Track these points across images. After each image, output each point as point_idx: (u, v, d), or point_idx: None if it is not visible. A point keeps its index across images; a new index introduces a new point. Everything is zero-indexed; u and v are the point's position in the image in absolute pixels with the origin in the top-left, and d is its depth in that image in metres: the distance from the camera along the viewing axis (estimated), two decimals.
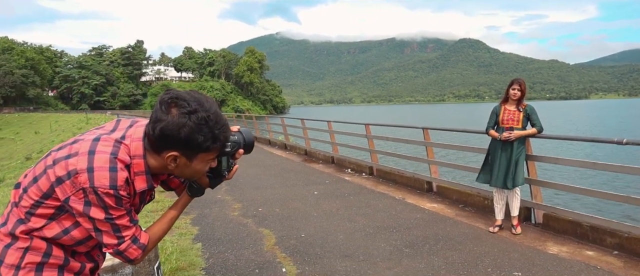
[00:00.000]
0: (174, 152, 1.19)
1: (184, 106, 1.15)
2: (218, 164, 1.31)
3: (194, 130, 1.15)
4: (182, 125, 1.14)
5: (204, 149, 1.20)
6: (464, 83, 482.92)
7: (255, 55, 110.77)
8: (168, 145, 1.18)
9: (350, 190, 7.23)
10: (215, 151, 1.23)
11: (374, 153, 8.74)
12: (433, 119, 69.87)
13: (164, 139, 1.16)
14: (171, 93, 1.18)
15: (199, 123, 1.15)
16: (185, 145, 1.17)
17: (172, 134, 1.15)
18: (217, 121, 1.19)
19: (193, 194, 1.39)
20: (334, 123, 10.91)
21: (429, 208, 5.89)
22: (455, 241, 4.48)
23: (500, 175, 4.65)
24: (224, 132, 1.21)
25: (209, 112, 1.17)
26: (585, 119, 58.83)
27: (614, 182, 12.01)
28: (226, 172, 1.34)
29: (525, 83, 4.73)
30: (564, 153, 18.08)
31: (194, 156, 1.21)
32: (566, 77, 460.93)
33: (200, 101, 1.17)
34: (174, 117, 1.14)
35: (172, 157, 1.20)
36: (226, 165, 1.33)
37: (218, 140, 1.20)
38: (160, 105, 1.16)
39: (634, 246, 3.90)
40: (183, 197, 1.39)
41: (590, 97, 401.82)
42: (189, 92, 1.20)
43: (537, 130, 4.64)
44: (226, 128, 1.22)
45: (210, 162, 1.27)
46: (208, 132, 1.17)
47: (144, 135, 1.22)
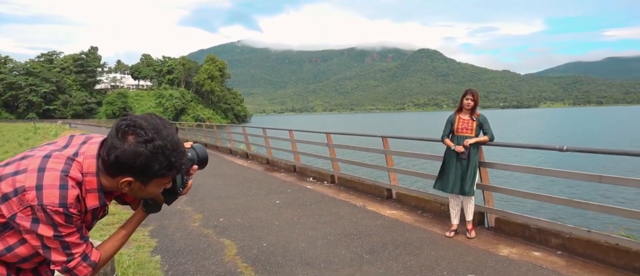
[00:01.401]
0: (129, 178, 1.18)
1: (141, 135, 1.13)
2: (172, 182, 1.30)
3: (150, 159, 1.14)
4: (138, 154, 1.13)
5: (160, 176, 1.19)
6: (423, 92, 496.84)
7: (216, 63, 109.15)
8: (122, 171, 1.16)
9: (312, 198, 7.29)
10: (170, 176, 1.23)
11: (335, 161, 8.84)
12: (394, 127, 71.34)
13: (118, 166, 1.15)
14: (128, 120, 1.16)
15: (155, 152, 1.14)
16: (141, 172, 1.16)
17: (128, 162, 1.14)
18: (175, 149, 1.18)
19: (148, 210, 1.38)
20: (295, 132, 10.96)
21: (388, 215, 6.03)
22: (413, 246, 4.62)
23: (456, 182, 4.85)
24: (180, 159, 1.21)
25: (166, 140, 1.16)
26: (537, 127, 61.88)
27: (556, 185, 12.72)
28: (181, 188, 1.35)
29: (478, 93, 4.98)
30: (514, 159, 18.97)
31: (149, 181, 1.21)
32: (517, 87, 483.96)
33: (158, 129, 1.16)
34: (130, 145, 1.13)
35: (126, 182, 1.19)
36: (180, 182, 1.34)
37: (174, 168, 1.20)
38: (116, 132, 1.14)
39: (575, 246, 4.18)
40: (138, 213, 1.38)
41: (539, 105, 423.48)
42: (147, 117, 1.19)
43: (488, 138, 4.88)
44: (183, 155, 1.22)
45: (165, 184, 1.26)
46: (164, 161, 1.16)
47: (97, 155, 1.20)
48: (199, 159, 1.36)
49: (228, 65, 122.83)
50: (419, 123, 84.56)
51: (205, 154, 1.38)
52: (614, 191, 11.45)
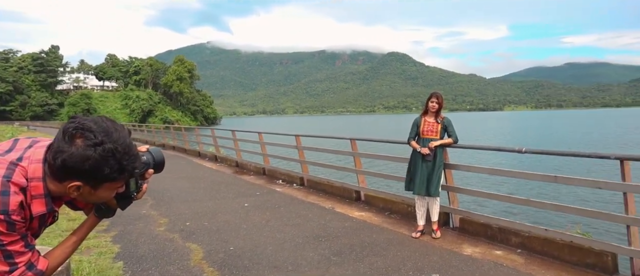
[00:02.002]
0: (77, 182, 1.13)
1: (90, 138, 1.08)
2: (126, 187, 1.26)
3: (99, 162, 1.09)
4: (87, 157, 1.08)
5: (111, 180, 1.15)
6: (393, 94, 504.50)
7: (185, 64, 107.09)
8: (70, 176, 1.11)
9: (281, 201, 7.26)
10: (122, 180, 1.19)
11: (305, 164, 8.85)
12: (364, 130, 72.05)
13: (66, 170, 1.10)
14: (76, 122, 1.11)
15: (106, 156, 1.09)
16: (90, 176, 1.12)
17: (75, 166, 1.09)
18: (126, 152, 1.14)
19: (101, 215, 1.34)
20: (265, 134, 10.90)
21: (357, 217, 6.08)
22: (380, 247, 4.68)
23: (421, 183, 4.95)
24: (133, 163, 1.17)
25: (117, 143, 1.11)
26: (501, 129, 63.87)
27: (515, 186, 13.18)
28: (135, 193, 1.30)
29: (443, 96, 5.10)
30: (477, 161, 19.51)
31: (99, 185, 1.16)
32: (483, 90, 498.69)
33: (108, 131, 1.11)
34: (78, 148, 1.08)
35: (74, 187, 1.13)
36: (135, 186, 1.29)
37: (126, 171, 1.16)
38: (63, 135, 1.09)
39: (534, 244, 4.34)
40: (90, 218, 1.34)
41: (504, 108, 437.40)
42: (96, 120, 1.14)
43: (453, 141, 5.01)
44: (135, 158, 1.18)
45: (117, 189, 1.22)
46: (115, 164, 1.12)
47: (44, 159, 1.14)
48: (154, 162, 1.34)
49: (197, 66, 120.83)
50: (389, 126, 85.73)
51: (161, 157, 1.36)
52: (568, 190, 11.96)
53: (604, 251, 3.84)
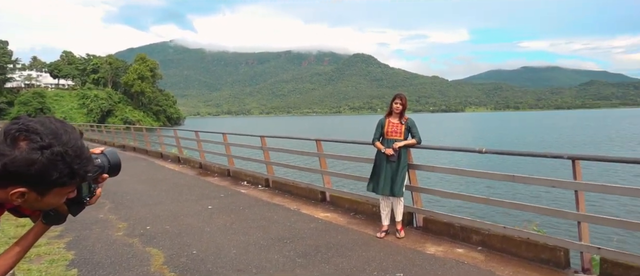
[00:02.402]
0: (21, 189, 1.03)
1: (36, 140, 0.99)
2: (78, 191, 1.18)
3: (47, 167, 1.00)
4: (32, 162, 0.99)
5: (60, 185, 1.06)
6: (358, 95, 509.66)
7: (146, 62, 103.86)
8: (13, 181, 1.02)
9: (246, 202, 7.16)
10: (73, 185, 1.10)
11: (270, 165, 8.77)
12: (330, 130, 72.38)
13: (8, 175, 1.00)
14: (20, 123, 1.01)
15: (54, 160, 1.00)
16: (36, 182, 1.02)
17: (19, 171, 0.99)
18: (77, 155, 1.05)
19: (50, 222, 1.24)
20: (229, 135, 10.72)
21: (322, 218, 6.08)
22: (345, 248, 4.69)
23: (386, 184, 5.00)
24: (85, 166, 1.08)
25: (67, 146, 1.02)
26: (463, 130, 65.79)
27: (476, 185, 13.61)
28: (87, 198, 1.22)
29: (407, 97, 5.17)
30: (440, 161, 20.01)
31: (47, 191, 1.07)
32: (446, 92, 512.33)
33: (56, 133, 1.02)
34: (22, 151, 0.98)
35: (18, 194, 1.04)
36: (87, 191, 1.21)
37: (77, 176, 1.07)
38: (5, 137, 0.99)
39: (493, 241, 4.48)
40: (37, 225, 1.24)
41: (465, 110, 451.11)
42: (43, 121, 1.04)
43: (416, 141, 5.09)
44: (87, 161, 1.09)
45: (67, 194, 1.13)
46: (64, 168, 1.03)
47: None
48: (110, 165, 1.26)
49: (160, 65, 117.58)
50: (354, 127, 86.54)
51: (117, 159, 1.28)
52: (525, 189, 12.46)
53: (557, 246, 4.01)
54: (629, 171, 16.25)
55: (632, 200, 10.62)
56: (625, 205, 10.63)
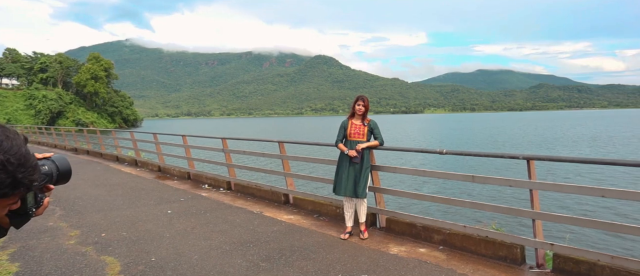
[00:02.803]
0: None
1: None
2: (22, 202, 1.08)
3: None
4: None
5: (1, 196, 0.97)
6: (320, 97, 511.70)
7: (100, 62, 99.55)
8: None
9: (207, 206, 6.99)
10: (16, 196, 1.01)
11: (232, 167, 8.62)
12: (293, 132, 72.20)
13: None
14: None
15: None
16: None
17: None
18: (21, 163, 0.96)
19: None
20: (189, 137, 10.44)
21: (286, 220, 6.02)
22: (309, 250, 4.66)
23: (349, 185, 5.01)
24: (30, 175, 0.99)
25: (9, 154, 0.94)
26: (422, 131, 67.38)
27: (437, 186, 13.97)
28: (33, 209, 1.12)
29: (369, 99, 5.21)
30: (402, 162, 20.42)
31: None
32: (406, 94, 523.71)
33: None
34: None
35: None
36: (33, 201, 1.12)
37: (20, 186, 0.98)
38: None
39: (454, 240, 4.59)
40: None
41: (424, 111, 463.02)
42: None
43: (379, 143, 5.13)
44: (33, 170, 1.00)
45: (9, 205, 1.04)
46: (6, 178, 0.95)
47: None
48: (58, 173, 1.16)
49: (115, 65, 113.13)
50: (317, 128, 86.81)
51: (67, 166, 1.18)
52: (484, 188, 12.91)
53: (514, 243, 4.16)
54: (577, 170, 17.19)
55: (583, 198, 11.24)
56: (576, 203, 11.22)
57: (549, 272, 3.90)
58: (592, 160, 3.94)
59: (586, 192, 3.84)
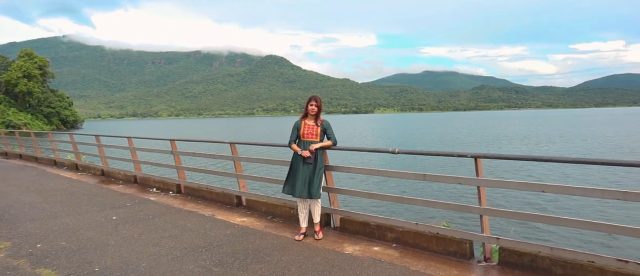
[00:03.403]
0: None
1: None
2: None
3: None
4: None
5: None
6: (272, 97, 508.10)
7: (34, 59, 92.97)
8: None
9: (156, 211, 6.70)
10: None
11: (181, 170, 8.33)
12: (244, 132, 71.18)
13: None
14: None
15: None
16: None
17: None
18: None
19: None
20: (135, 139, 9.98)
21: (239, 223, 5.90)
22: (264, 253, 4.58)
23: (303, 186, 4.98)
24: None
25: None
26: (374, 131, 68.72)
27: (389, 184, 14.30)
28: None
29: (321, 99, 5.20)
30: (355, 162, 20.70)
31: None
32: (356, 94, 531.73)
33: None
34: None
35: None
36: None
37: None
38: None
39: (407, 238, 4.69)
40: None
41: (374, 111, 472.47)
42: None
43: (332, 143, 5.14)
44: None
45: None
46: None
47: None
48: None
49: (52, 63, 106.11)
50: (269, 128, 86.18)
51: None
52: (435, 186, 13.36)
53: (463, 239, 4.31)
54: (522, 167, 18.23)
55: (525, 193, 11.91)
56: (519, 198, 11.87)
57: (496, 265, 4.07)
58: (533, 157, 4.17)
59: (528, 187, 4.05)
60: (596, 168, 16.71)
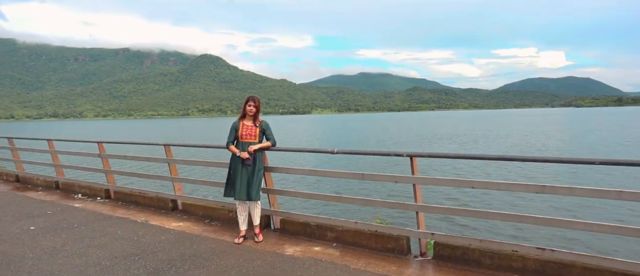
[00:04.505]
0: None
1: None
2: None
3: None
4: None
5: None
6: (207, 97, 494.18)
7: None
8: None
9: (82, 218, 6.24)
10: None
11: (111, 173, 7.82)
12: (179, 134, 68.58)
13: None
14: None
15: None
16: None
17: None
18: None
19: None
20: (57, 141, 9.21)
21: (174, 228, 5.66)
22: (202, 258, 4.43)
23: (243, 188, 4.88)
24: None
25: None
26: (312, 132, 69.18)
27: (328, 184, 14.49)
28: None
29: (260, 100, 5.13)
30: (295, 163, 20.72)
31: None
32: (294, 95, 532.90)
33: None
34: None
35: None
36: None
37: None
38: None
39: (346, 237, 4.76)
40: None
41: (312, 112, 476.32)
42: None
43: (271, 144, 5.09)
44: None
45: None
46: None
47: None
48: None
49: None
50: (205, 129, 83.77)
51: None
52: (373, 185, 13.72)
53: (400, 236, 4.45)
54: (454, 164, 19.23)
55: (457, 190, 12.58)
56: (452, 194, 12.52)
57: (431, 259, 4.26)
58: (463, 155, 4.41)
59: (459, 184, 4.28)
60: (517, 164, 18.14)
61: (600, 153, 26.02)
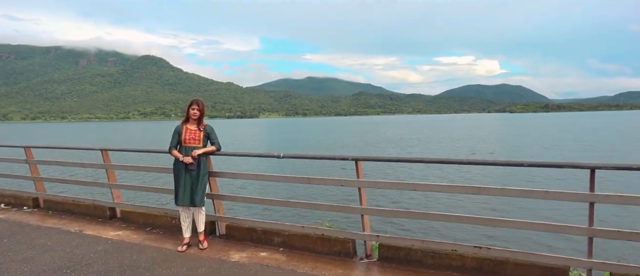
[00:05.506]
0: None
1: None
2: None
3: None
4: None
5: None
6: (150, 100, 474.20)
7: None
8: None
9: (5, 230, 5.75)
10: None
11: (40, 181, 7.28)
12: (118, 138, 65.24)
13: None
14: None
15: None
16: None
17: None
18: None
19: None
20: None
21: (112, 237, 5.36)
22: (142, 268, 4.24)
23: (186, 194, 4.74)
24: None
25: None
26: (258, 135, 68.49)
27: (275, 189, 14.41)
28: None
29: (204, 103, 5.00)
30: (241, 167, 20.41)
31: None
32: (241, 98, 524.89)
33: None
34: None
35: None
36: None
37: None
38: None
39: (293, 241, 4.76)
40: None
41: (259, 115, 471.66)
42: None
43: (216, 148, 4.98)
44: None
45: None
46: None
47: None
48: None
49: None
50: (147, 133, 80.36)
51: None
52: (320, 189, 13.81)
53: (346, 239, 4.52)
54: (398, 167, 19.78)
55: (400, 192, 12.95)
56: (395, 197, 12.86)
57: (376, 261, 4.35)
58: (406, 159, 4.55)
59: (402, 186, 4.43)
60: (455, 167, 19.03)
61: (528, 155, 28.08)
